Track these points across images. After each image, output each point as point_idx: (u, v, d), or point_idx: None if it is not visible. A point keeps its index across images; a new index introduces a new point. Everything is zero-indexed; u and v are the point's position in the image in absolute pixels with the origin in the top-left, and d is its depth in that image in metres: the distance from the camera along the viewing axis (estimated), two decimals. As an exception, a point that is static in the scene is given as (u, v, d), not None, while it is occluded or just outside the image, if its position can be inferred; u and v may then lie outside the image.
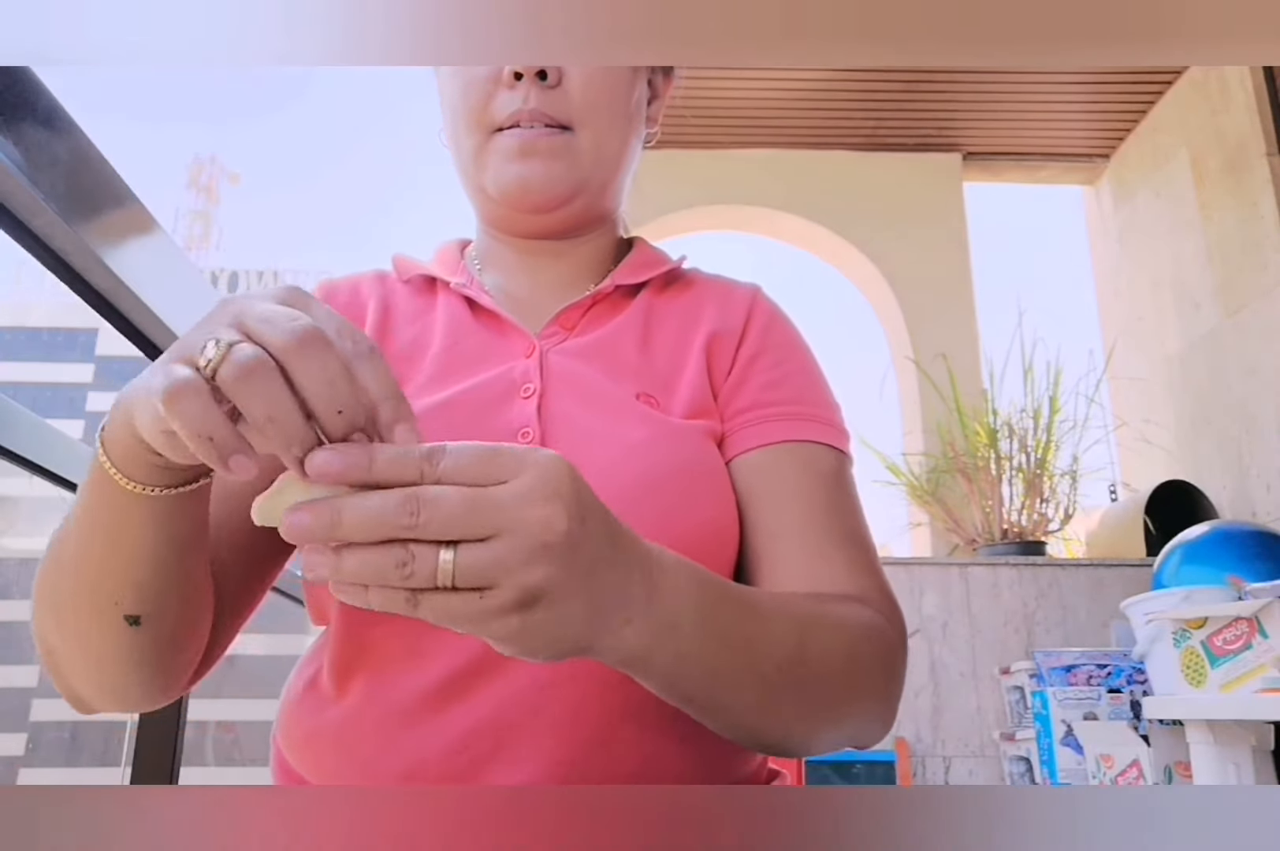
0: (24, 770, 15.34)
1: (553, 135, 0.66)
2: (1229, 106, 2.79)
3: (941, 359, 3.09)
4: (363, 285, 0.74)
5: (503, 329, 0.70)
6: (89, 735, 18.83)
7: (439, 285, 0.74)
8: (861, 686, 0.56)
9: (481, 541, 0.37)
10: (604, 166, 0.70)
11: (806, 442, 0.65)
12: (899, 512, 3.13)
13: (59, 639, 0.54)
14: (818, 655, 0.53)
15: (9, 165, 0.76)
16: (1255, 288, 2.64)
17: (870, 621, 0.58)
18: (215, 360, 0.37)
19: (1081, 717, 2.04)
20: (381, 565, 0.37)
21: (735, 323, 0.71)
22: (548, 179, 0.67)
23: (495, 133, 0.67)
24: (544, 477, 0.39)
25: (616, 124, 0.69)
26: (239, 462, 0.38)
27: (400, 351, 0.69)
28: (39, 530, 19.01)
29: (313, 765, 0.60)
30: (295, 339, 0.37)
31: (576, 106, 0.67)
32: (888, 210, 3.33)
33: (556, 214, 0.70)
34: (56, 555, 0.52)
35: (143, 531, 0.48)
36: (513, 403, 0.64)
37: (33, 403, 34.57)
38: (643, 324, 0.71)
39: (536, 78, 0.65)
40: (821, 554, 0.61)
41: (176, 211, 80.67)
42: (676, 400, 0.66)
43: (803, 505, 0.63)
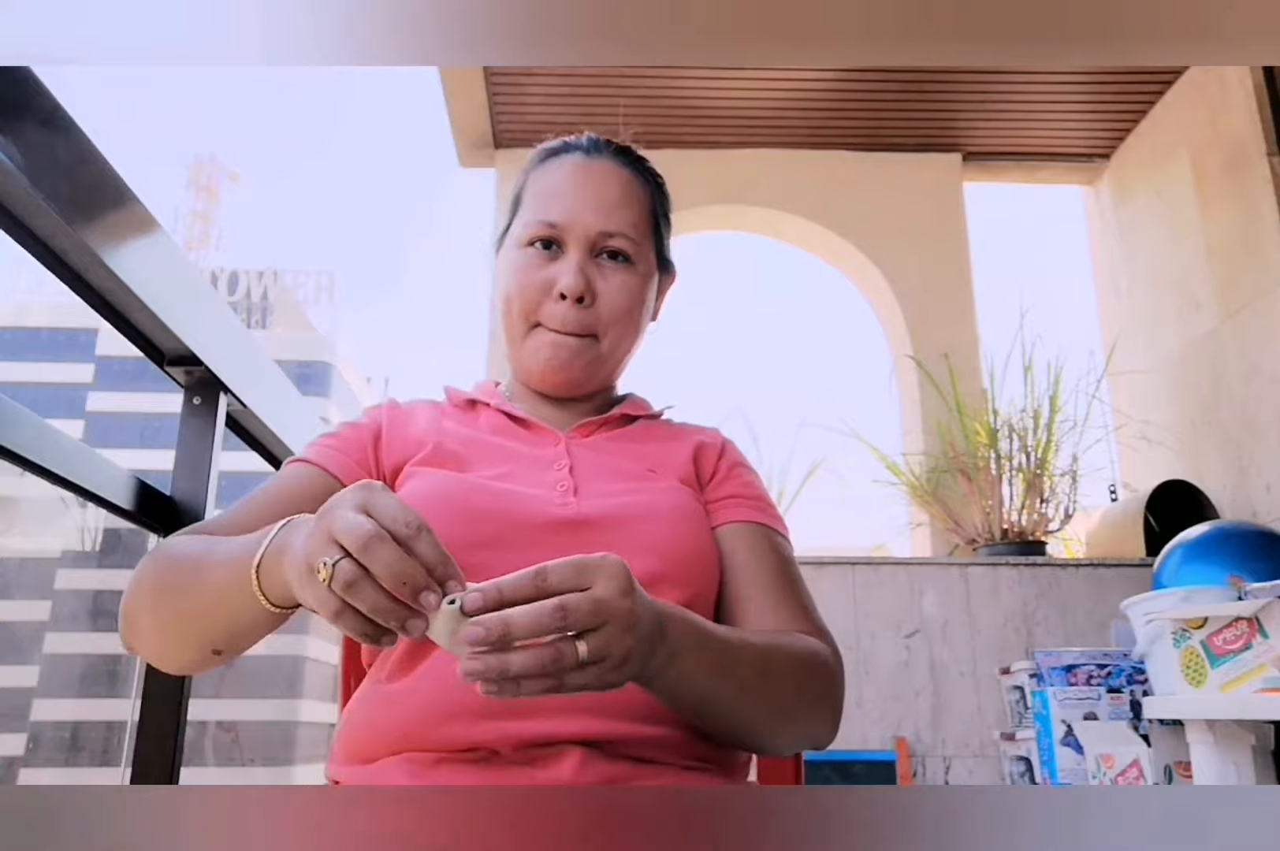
0: (24, 770, 15.39)
1: (580, 342, 0.88)
2: (1229, 106, 2.79)
3: (942, 359, 3.09)
4: (421, 403, 0.96)
5: (534, 430, 0.91)
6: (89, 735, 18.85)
7: (480, 406, 0.95)
8: (808, 696, 0.76)
9: (593, 631, 0.56)
10: (614, 361, 0.92)
11: (772, 529, 0.89)
12: (899, 512, 3.14)
13: (158, 638, 0.73)
14: (775, 674, 0.72)
15: (9, 165, 0.76)
16: (1255, 288, 2.64)
17: (814, 648, 0.78)
18: (329, 576, 0.54)
19: (1081, 717, 2.04)
20: (543, 658, 0.54)
21: (713, 448, 0.95)
22: (572, 368, 0.89)
23: (538, 326, 0.89)
24: (621, 582, 0.58)
25: (630, 333, 0.91)
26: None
27: (460, 440, 0.88)
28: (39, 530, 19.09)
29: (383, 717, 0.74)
30: (363, 545, 0.54)
31: (602, 322, 0.88)
32: (888, 210, 3.33)
33: (574, 390, 0.92)
34: (178, 597, 0.70)
35: (257, 622, 0.67)
36: (550, 471, 0.85)
37: (33, 403, 34.35)
38: (641, 437, 0.94)
39: (576, 301, 0.87)
40: (781, 602, 0.83)
41: (176, 211, 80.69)
42: (671, 473, 0.89)
43: (770, 567, 0.85)
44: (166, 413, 37.20)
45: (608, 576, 0.58)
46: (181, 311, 1.10)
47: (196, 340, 1.13)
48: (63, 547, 23.55)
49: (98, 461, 1.01)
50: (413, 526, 0.55)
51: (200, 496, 1.18)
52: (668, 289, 1.00)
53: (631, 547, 0.75)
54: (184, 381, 1.20)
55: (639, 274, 0.90)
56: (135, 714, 1.09)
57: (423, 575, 0.54)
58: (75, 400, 40.49)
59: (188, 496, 1.18)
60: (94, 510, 1.17)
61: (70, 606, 26.00)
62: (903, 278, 3.28)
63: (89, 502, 1.03)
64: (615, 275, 0.89)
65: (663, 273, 0.97)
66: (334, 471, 0.84)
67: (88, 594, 26.30)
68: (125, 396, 40.20)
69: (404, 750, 0.71)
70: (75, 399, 40.51)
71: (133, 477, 1.08)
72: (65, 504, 8.01)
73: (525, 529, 0.78)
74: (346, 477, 0.84)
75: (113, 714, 11.61)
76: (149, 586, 0.73)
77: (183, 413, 1.21)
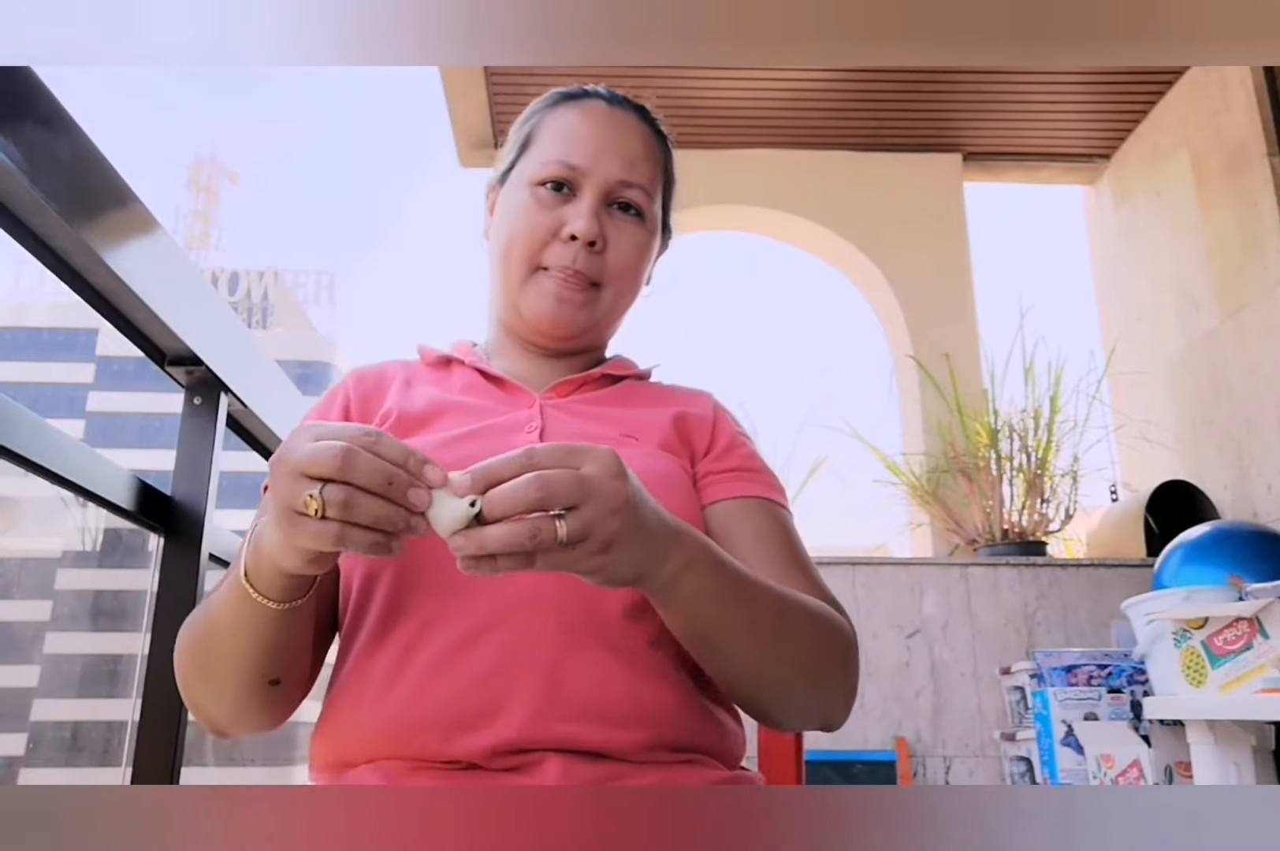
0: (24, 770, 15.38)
1: (585, 290, 0.85)
2: (1229, 106, 2.79)
3: (942, 359, 3.09)
4: (389, 368, 0.91)
5: (509, 389, 0.87)
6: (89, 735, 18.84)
7: (454, 363, 0.91)
8: (825, 656, 0.72)
9: (576, 509, 0.54)
10: (614, 315, 0.89)
11: (772, 502, 0.84)
12: (899, 512, 3.14)
13: (211, 698, 0.72)
14: (793, 621, 0.70)
15: (9, 165, 0.76)
16: (1255, 288, 2.64)
17: (832, 614, 0.74)
18: (320, 506, 0.53)
19: (1082, 717, 2.04)
20: (520, 534, 0.53)
21: (704, 412, 0.89)
22: (573, 318, 0.85)
23: (541, 269, 0.85)
24: (608, 465, 0.57)
25: (631, 289, 0.88)
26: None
27: (424, 402, 0.84)
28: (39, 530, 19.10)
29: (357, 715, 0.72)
30: (340, 461, 0.53)
31: (609, 271, 0.85)
32: (888, 210, 3.33)
33: (570, 342, 0.88)
34: (206, 642, 0.70)
35: (282, 628, 0.67)
36: (519, 435, 0.80)
37: (33, 403, 34.37)
38: (622, 399, 0.89)
39: (588, 244, 0.83)
40: (792, 579, 0.77)
41: (176, 211, 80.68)
42: (651, 440, 0.84)
43: (777, 542, 0.81)
44: (166, 412, 37.18)
45: (596, 459, 0.57)
46: (181, 311, 1.10)
47: (197, 340, 1.13)
48: (63, 547, 23.56)
49: (98, 461, 1.01)
50: (370, 434, 0.55)
51: (200, 496, 1.18)
52: (661, 256, 0.97)
53: None
54: (184, 381, 1.20)
55: (647, 230, 0.88)
56: (135, 714, 1.09)
57: (403, 473, 0.54)
58: (75, 400, 40.49)
59: (188, 496, 1.18)
60: (94, 510, 1.18)
61: (70, 606, 26.02)
62: (903, 278, 3.27)
63: (89, 502, 1.03)
64: (626, 226, 0.86)
65: (664, 238, 0.94)
66: None
67: (88, 594, 26.31)
68: (125, 396, 40.19)
69: (379, 759, 0.69)
70: (75, 399, 40.51)
71: (133, 477, 1.08)
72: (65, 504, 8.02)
73: None
74: None
75: (113, 714, 11.57)
76: (185, 657, 0.73)
77: (183, 412, 1.21)
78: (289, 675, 0.71)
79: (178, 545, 1.16)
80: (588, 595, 0.68)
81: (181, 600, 1.13)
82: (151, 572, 1.15)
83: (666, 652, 0.73)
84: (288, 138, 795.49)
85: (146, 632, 1.13)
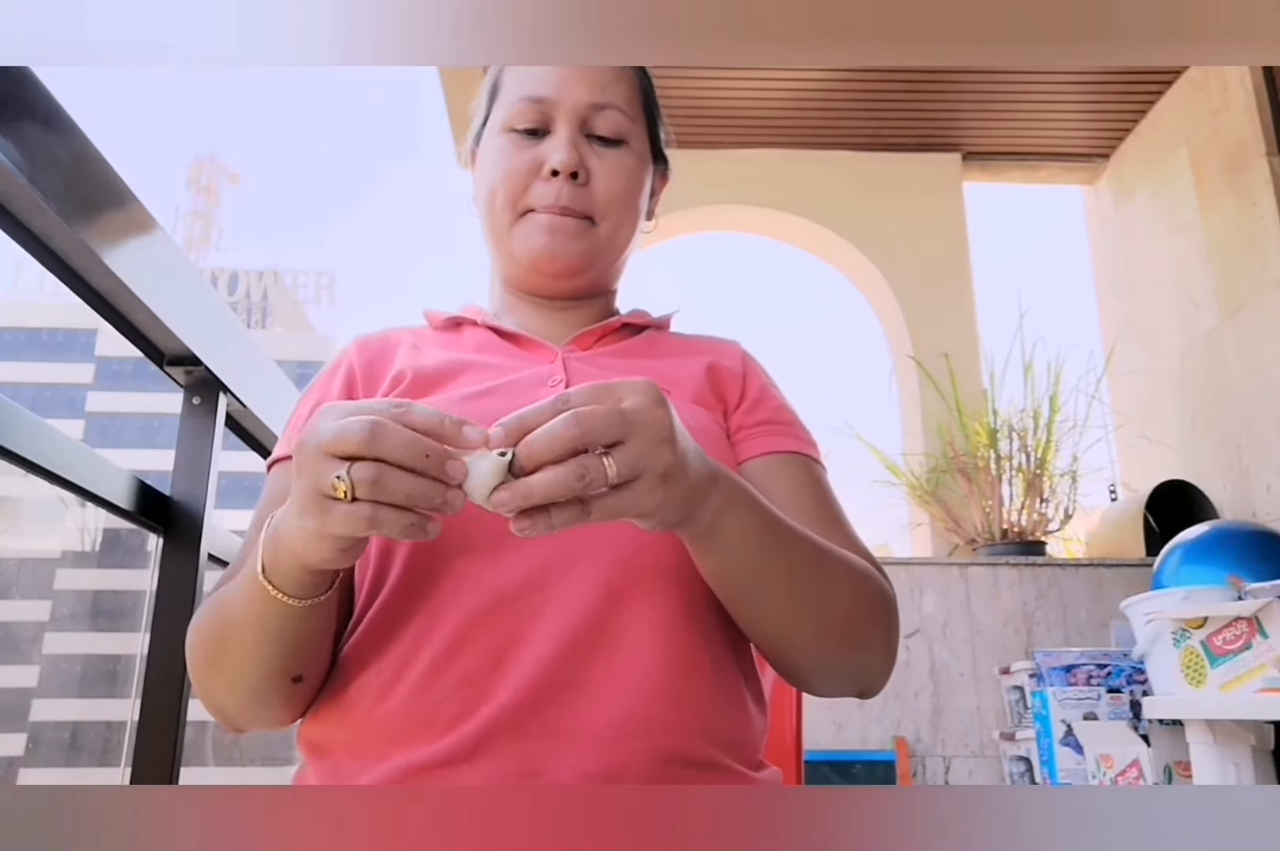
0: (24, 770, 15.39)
1: (577, 224, 0.80)
2: (1229, 106, 2.79)
3: (941, 359, 3.09)
4: (393, 334, 0.86)
5: (526, 345, 0.82)
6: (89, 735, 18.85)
7: (465, 324, 0.86)
8: (865, 612, 0.68)
9: (622, 444, 0.50)
10: (614, 250, 0.83)
11: (810, 457, 0.80)
12: (899, 512, 3.13)
13: (227, 694, 0.68)
14: (834, 570, 0.66)
15: (9, 165, 0.76)
16: (1255, 288, 2.64)
17: (872, 572, 0.71)
18: (349, 487, 0.49)
19: (1081, 717, 2.04)
20: (566, 477, 0.49)
21: (734, 363, 0.85)
22: (569, 251, 0.80)
23: (528, 212, 0.80)
24: (649, 394, 0.53)
25: (628, 218, 0.83)
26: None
27: (439, 362, 0.79)
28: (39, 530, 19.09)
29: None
30: (369, 436, 0.49)
31: (599, 203, 0.80)
32: (888, 210, 3.33)
33: (573, 280, 0.83)
34: (222, 639, 0.66)
35: (304, 625, 0.63)
36: (543, 389, 0.75)
37: (33, 403, 34.57)
38: (647, 348, 0.85)
39: (570, 177, 0.78)
40: (827, 531, 0.73)
41: (176, 211, 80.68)
42: (684, 393, 0.78)
43: (814, 500, 0.76)
44: (166, 412, 37.13)
45: (633, 390, 0.53)
46: (181, 311, 1.10)
47: (196, 340, 1.13)
48: (63, 547, 23.54)
49: (97, 461, 1.01)
50: (400, 405, 0.51)
51: (200, 496, 1.18)
52: (661, 190, 0.91)
53: None
54: (184, 381, 1.21)
55: (634, 154, 0.82)
56: (135, 714, 1.09)
57: (437, 444, 0.50)
58: (75, 400, 40.49)
59: (187, 496, 1.18)
60: (94, 510, 1.18)
61: (70, 606, 26.04)
62: (903, 277, 3.27)
63: (88, 503, 1.03)
64: (609, 153, 0.80)
65: (657, 165, 0.88)
66: None
67: (88, 594, 26.33)
68: (125, 396, 40.20)
69: (389, 747, 0.64)
70: (75, 399, 40.51)
71: (132, 478, 1.08)
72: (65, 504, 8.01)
73: None
74: None
75: (113, 714, 11.58)
76: (199, 652, 0.69)
77: (182, 412, 1.21)
78: (311, 670, 0.68)
79: (177, 545, 1.16)
80: (618, 595, 0.65)
81: (181, 600, 1.13)
82: (151, 572, 1.15)
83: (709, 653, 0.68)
84: (288, 138, 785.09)
85: (146, 632, 1.13)
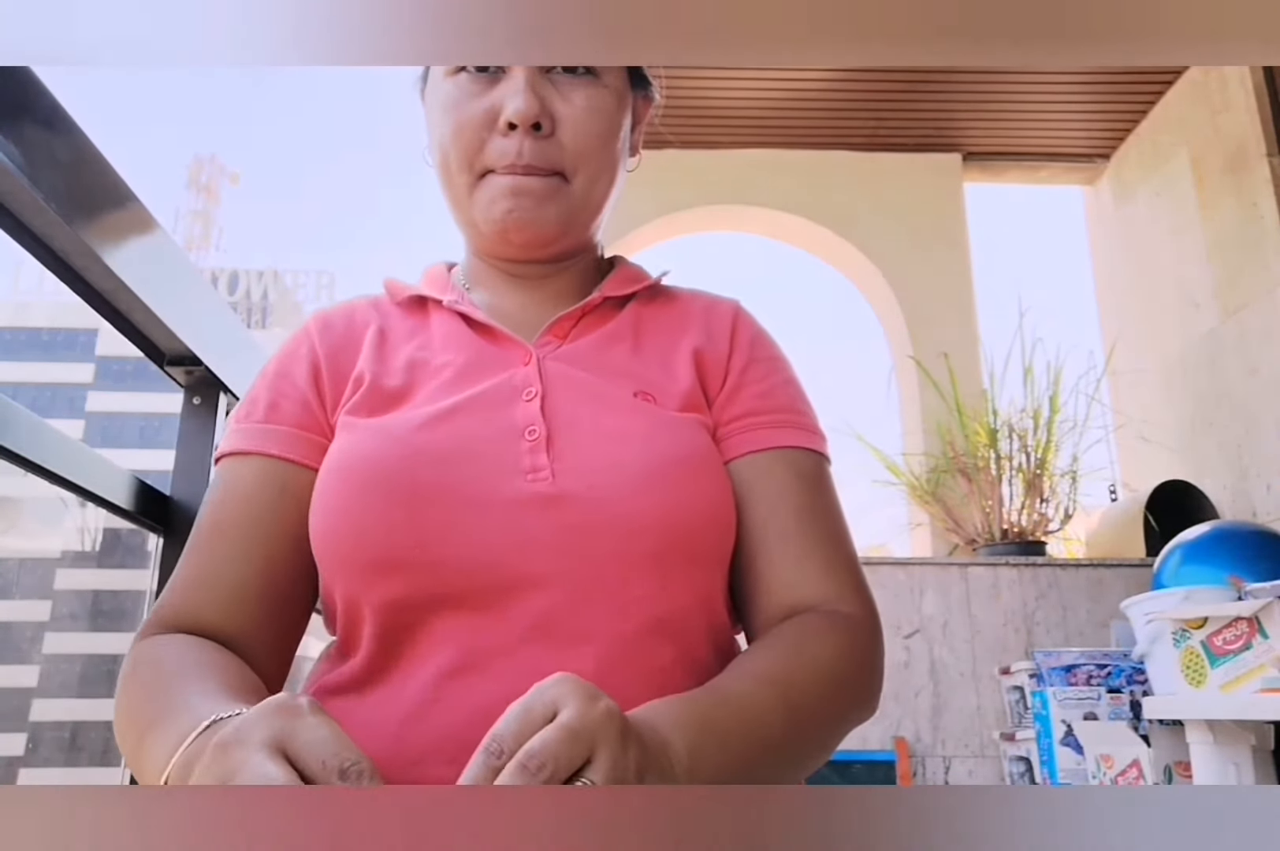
0: (24, 770, 15.36)
1: (545, 183, 0.69)
2: (1229, 106, 2.79)
3: (941, 359, 3.09)
4: (357, 312, 0.77)
5: (498, 340, 0.72)
6: (89, 735, 18.85)
7: (431, 304, 0.76)
8: (846, 703, 0.63)
9: (591, 763, 0.44)
10: (592, 206, 0.73)
11: (794, 448, 0.71)
12: (899, 512, 3.14)
13: None
14: (803, 704, 0.59)
15: (9, 165, 0.76)
16: (1255, 288, 2.64)
17: (842, 629, 0.65)
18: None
19: (1081, 717, 2.04)
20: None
21: (721, 336, 0.75)
22: (539, 219, 0.70)
23: (487, 173, 0.70)
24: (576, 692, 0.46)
25: (606, 168, 0.72)
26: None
27: (402, 367, 0.71)
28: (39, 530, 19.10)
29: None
30: None
31: (569, 155, 0.69)
32: (888, 210, 3.33)
33: (547, 248, 0.73)
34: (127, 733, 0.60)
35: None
36: (516, 405, 0.67)
37: (33, 403, 34.56)
38: (632, 331, 0.75)
39: (531, 129, 0.67)
40: (803, 556, 0.67)
41: (176, 211, 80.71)
42: (670, 397, 0.70)
43: (789, 508, 0.68)
44: (166, 413, 37.01)
45: (560, 696, 0.45)
46: (181, 311, 1.10)
47: (196, 340, 1.13)
48: (63, 547, 23.48)
49: (97, 461, 1.01)
50: (350, 773, 0.42)
51: (200, 496, 1.18)
52: (645, 114, 0.79)
53: (625, 525, 0.61)
54: (184, 381, 1.21)
55: (607, 87, 0.70)
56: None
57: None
58: (75, 400, 40.50)
59: (188, 496, 1.18)
60: (94, 510, 1.17)
61: (70, 606, 25.92)
62: (903, 278, 3.28)
63: (88, 503, 1.03)
64: (576, 92, 0.69)
65: (637, 91, 0.76)
66: (280, 453, 0.68)
67: (88, 594, 26.23)
68: (125, 396, 40.21)
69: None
70: (75, 399, 40.52)
71: (132, 478, 1.08)
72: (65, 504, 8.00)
73: (488, 509, 0.61)
74: (300, 455, 0.68)
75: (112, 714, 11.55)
76: (121, 714, 0.63)
77: (183, 412, 1.21)
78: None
79: (177, 545, 1.16)
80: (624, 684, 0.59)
81: (181, 600, 1.13)
82: (151, 572, 1.15)
83: None
84: (288, 138, 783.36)
85: (146, 632, 1.13)
